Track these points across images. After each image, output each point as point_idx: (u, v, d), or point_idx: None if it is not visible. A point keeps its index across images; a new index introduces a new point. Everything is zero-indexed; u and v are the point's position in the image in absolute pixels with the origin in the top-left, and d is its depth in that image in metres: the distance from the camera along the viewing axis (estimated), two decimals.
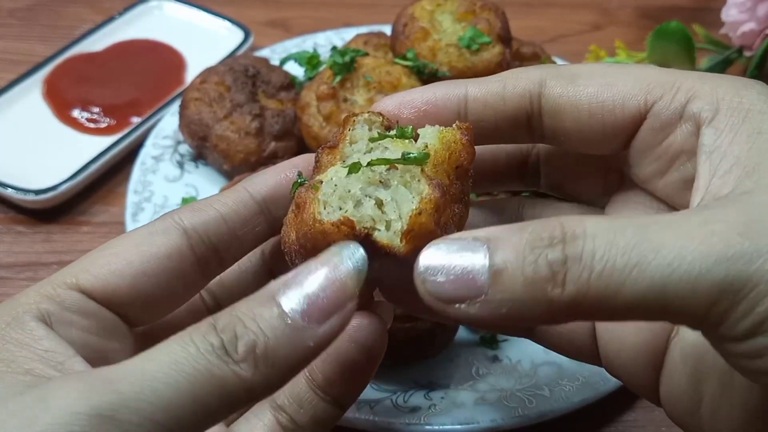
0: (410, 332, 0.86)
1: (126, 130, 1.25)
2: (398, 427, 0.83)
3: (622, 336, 0.56)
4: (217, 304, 0.63)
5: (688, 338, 0.52)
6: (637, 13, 1.71)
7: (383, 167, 0.51)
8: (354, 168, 0.50)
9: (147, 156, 1.16)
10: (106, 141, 1.23)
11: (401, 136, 0.54)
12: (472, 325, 0.44)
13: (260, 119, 1.13)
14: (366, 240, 0.48)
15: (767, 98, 0.48)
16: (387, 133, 0.56)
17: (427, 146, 0.52)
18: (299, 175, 0.59)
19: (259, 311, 0.44)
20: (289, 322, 0.44)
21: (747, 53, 1.40)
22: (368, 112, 0.57)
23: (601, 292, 0.40)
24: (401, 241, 0.48)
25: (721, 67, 1.41)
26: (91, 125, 1.29)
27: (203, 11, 1.53)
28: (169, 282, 0.53)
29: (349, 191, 0.50)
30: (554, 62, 1.23)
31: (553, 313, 0.42)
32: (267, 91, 1.19)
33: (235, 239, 0.57)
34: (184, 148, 1.19)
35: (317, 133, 1.05)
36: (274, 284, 0.46)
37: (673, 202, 0.56)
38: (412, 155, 0.50)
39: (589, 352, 0.59)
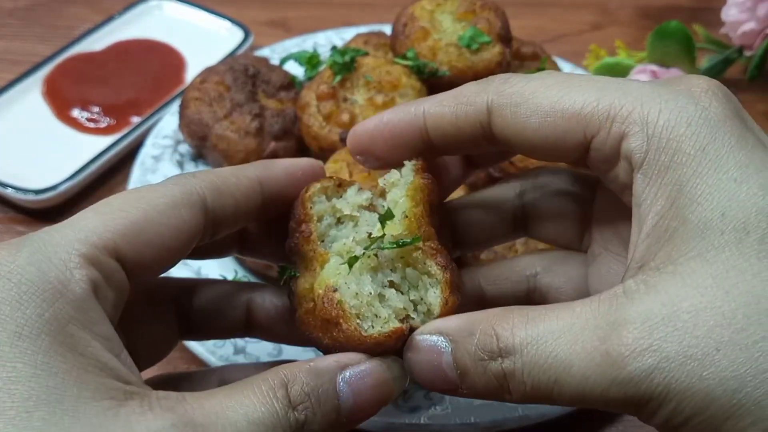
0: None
1: (126, 130, 1.25)
2: (398, 427, 0.83)
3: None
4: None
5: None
6: (637, 12, 1.71)
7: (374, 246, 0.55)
8: (352, 260, 0.54)
9: (147, 156, 1.16)
10: (105, 141, 1.23)
11: (386, 219, 0.56)
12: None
13: (260, 119, 1.13)
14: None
15: (699, 118, 0.47)
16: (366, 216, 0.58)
17: (406, 215, 0.56)
18: (282, 269, 0.60)
19: (325, 398, 0.49)
20: (339, 418, 0.50)
21: (747, 53, 1.40)
22: (318, 182, 0.59)
23: (541, 397, 0.47)
24: None
25: (721, 66, 1.41)
26: (91, 125, 1.29)
27: (203, 11, 1.53)
28: (183, 253, 0.54)
29: (370, 293, 0.53)
30: (554, 62, 1.23)
31: (516, 401, 0.49)
32: (267, 90, 1.19)
33: (234, 223, 0.59)
34: (184, 148, 1.19)
35: (317, 133, 1.05)
36: (335, 365, 0.51)
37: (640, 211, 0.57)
38: (404, 241, 0.55)
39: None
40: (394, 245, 0.55)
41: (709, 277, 0.43)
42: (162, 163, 1.15)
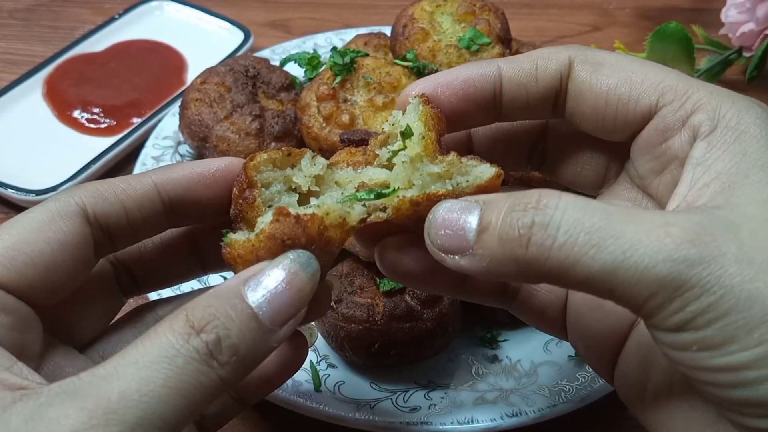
0: (410, 332, 0.87)
1: (126, 131, 1.25)
2: (398, 427, 0.83)
3: (590, 319, 0.60)
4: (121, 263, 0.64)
5: (644, 328, 0.55)
6: (637, 13, 1.71)
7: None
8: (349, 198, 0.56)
9: (147, 156, 1.16)
10: (106, 141, 1.23)
11: (406, 136, 0.56)
12: (469, 273, 0.51)
13: (260, 120, 1.13)
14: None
15: (764, 123, 0.52)
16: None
17: (423, 136, 0.56)
18: (224, 234, 0.58)
19: (235, 312, 0.47)
20: (261, 325, 0.48)
21: (746, 54, 1.40)
22: (265, 152, 0.58)
23: (559, 262, 0.45)
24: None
25: (721, 67, 1.42)
26: (92, 126, 1.29)
27: (204, 12, 1.54)
28: (76, 267, 0.54)
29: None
30: None
31: (520, 271, 0.47)
32: (267, 91, 1.19)
33: (133, 232, 0.58)
34: (185, 149, 1.19)
35: (317, 134, 1.06)
36: (237, 282, 0.49)
37: (661, 202, 0.58)
38: (382, 192, 0.56)
39: (558, 328, 0.64)
40: (372, 195, 0.55)
41: None
42: (163, 164, 1.16)
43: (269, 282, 0.49)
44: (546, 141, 0.67)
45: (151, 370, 0.44)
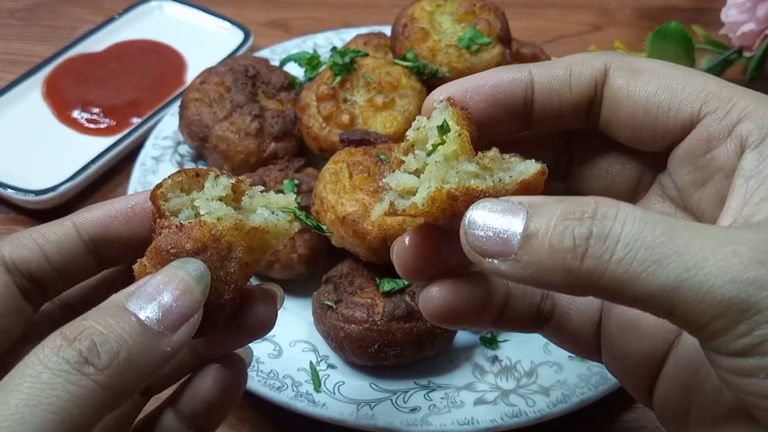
0: (410, 332, 0.87)
1: (126, 131, 1.25)
2: (398, 428, 0.83)
3: (626, 341, 0.57)
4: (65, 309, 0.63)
5: (686, 350, 0.53)
6: (637, 13, 1.71)
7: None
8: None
9: (147, 156, 1.16)
10: (106, 141, 1.23)
11: (444, 132, 0.53)
12: (504, 278, 0.48)
13: (260, 120, 1.13)
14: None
15: None
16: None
17: (459, 134, 0.53)
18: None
19: (115, 320, 0.46)
20: (148, 329, 0.47)
21: (747, 54, 1.40)
22: (170, 177, 0.56)
23: (616, 277, 0.42)
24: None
25: (721, 67, 1.42)
26: (91, 126, 1.29)
27: (203, 12, 1.53)
28: (4, 318, 0.54)
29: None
30: None
31: (570, 283, 0.44)
32: (267, 91, 1.19)
33: (59, 276, 0.57)
34: (185, 149, 1.19)
35: (317, 134, 1.06)
36: (118, 296, 0.48)
37: (703, 216, 0.56)
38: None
39: (592, 350, 0.61)
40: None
41: None
42: (162, 164, 1.16)
43: (150, 288, 0.49)
44: (572, 151, 0.64)
45: (9, 395, 0.41)
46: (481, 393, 0.88)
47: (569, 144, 0.64)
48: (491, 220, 0.46)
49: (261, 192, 0.58)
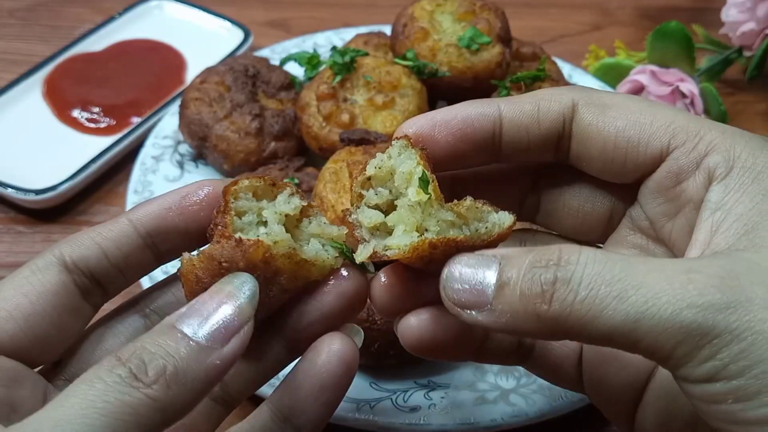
0: None
1: (126, 130, 1.25)
2: (398, 427, 0.83)
3: (607, 372, 0.59)
4: None
5: (663, 379, 0.55)
6: (637, 13, 1.71)
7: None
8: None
9: (147, 156, 1.16)
10: (106, 141, 1.23)
11: (426, 183, 0.55)
12: (486, 329, 0.52)
13: (260, 119, 1.13)
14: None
15: None
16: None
17: (432, 179, 0.54)
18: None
19: (163, 339, 0.47)
20: (194, 344, 0.47)
21: (747, 53, 1.40)
22: (248, 178, 0.57)
23: (582, 316, 0.44)
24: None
25: (721, 67, 1.42)
26: (91, 125, 1.29)
27: (203, 11, 1.53)
28: (61, 317, 0.54)
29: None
30: (554, 63, 1.23)
31: (541, 327, 0.46)
32: (267, 91, 1.19)
33: (118, 272, 0.58)
34: (184, 148, 1.19)
35: (317, 133, 1.06)
36: (169, 318, 0.49)
37: (674, 247, 0.57)
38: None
39: (574, 382, 0.63)
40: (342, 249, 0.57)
41: None
42: (162, 164, 1.16)
43: (200, 306, 0.49)
44: (540, 189, 0.64)
45: (67, 398, 0.43)
46: (481, 393, 0.88)
47: (537, 182, 0.64)
48: (467, 274, 0.49)
49: (322, 221, 0.59)
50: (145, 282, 0.88)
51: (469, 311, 0.48)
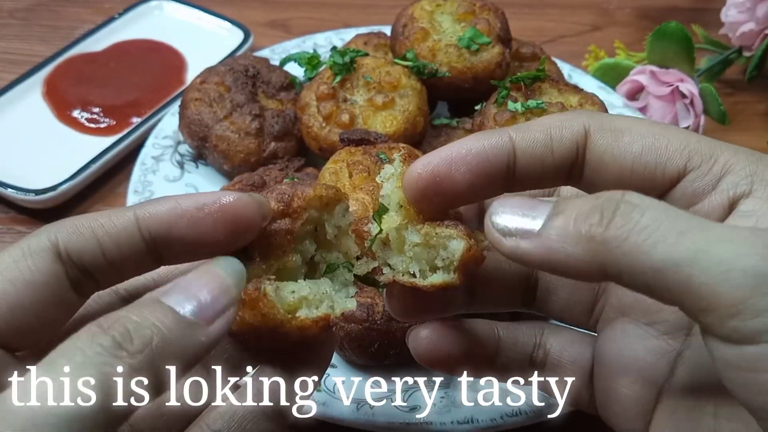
0: None
1: (126, 131, 1.25)
2: (398, 427, 0.83)
3: (619, 385, 0.59)
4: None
5: (677, 392, 0.55)
6: (637, 13, 1.71)
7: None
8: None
9: (147, 156, 1.16)
10: (106, 141, 1.23)
11: (381, 214, 0.57)
12: (520, 262, 0.50)
13: (260, 119, 1.13)
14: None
15: None
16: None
17: (400, 205, 0.56)
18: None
19: (149, 310, 0.46)
20: (181, 318, 0.46)
21: (746, 53, 1.40)
22: (326, 189, 0.57)
23: (639, 243, 0.43)
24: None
25: (720, 67, 1.42)
26: (92, 125, 1.29)
27: (203, 11, 1.54)
28: (47, 309, 0.51)
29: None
30: (554, 63, 1.23)
31: (590, 255, 0.45)
32: (267, 91, 1.19)
33: (114, 270, 0.54)
34: (185, 148, 1.19)
35: (317, 133, 1.06)
36: (151, 293, 0.48)
37: None
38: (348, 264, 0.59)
39: (585, 400, 0.64)
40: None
41: None
42: (162, 164, 1.16)
43: (184, 284, 0.49)
44: (537, 276, 0.66)
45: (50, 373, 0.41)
46: (481, 393, 0.88)
47: (532, 275, 0.66)
48: (520, 203, 0.50)
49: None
50: None
51: (512, 238, 0.48)
